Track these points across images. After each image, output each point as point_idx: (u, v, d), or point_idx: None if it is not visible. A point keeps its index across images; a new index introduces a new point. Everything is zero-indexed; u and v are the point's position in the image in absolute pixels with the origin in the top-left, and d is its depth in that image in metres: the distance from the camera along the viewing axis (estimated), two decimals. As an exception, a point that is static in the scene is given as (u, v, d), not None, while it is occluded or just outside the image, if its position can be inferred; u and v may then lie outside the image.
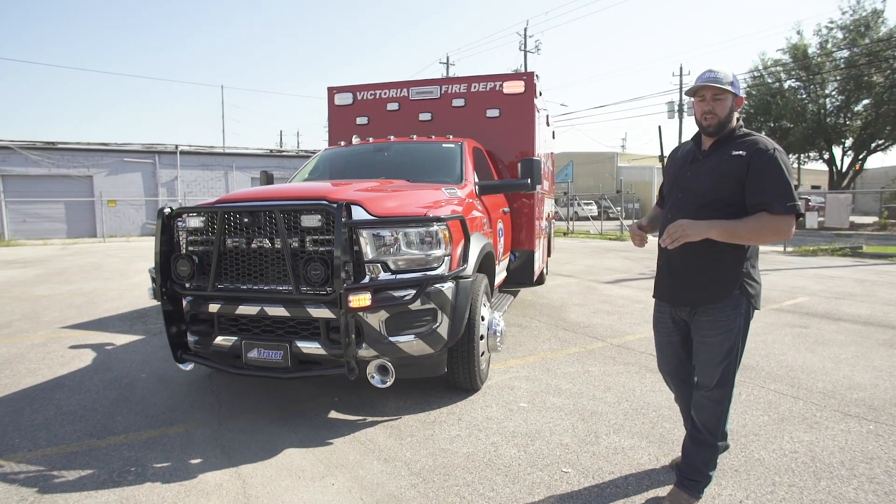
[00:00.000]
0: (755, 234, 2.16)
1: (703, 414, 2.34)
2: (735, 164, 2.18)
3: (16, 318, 6.37)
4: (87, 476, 2.65)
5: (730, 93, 2.21)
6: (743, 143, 2.21)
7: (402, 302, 3.01)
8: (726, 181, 2.20)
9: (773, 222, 2.13)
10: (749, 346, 4.93)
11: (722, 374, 2.29)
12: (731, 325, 2.26)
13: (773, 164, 2.13)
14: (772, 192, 2.12)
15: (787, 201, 2.10)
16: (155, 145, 26.75)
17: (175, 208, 3.23)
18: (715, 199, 2.23)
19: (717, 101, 2.22)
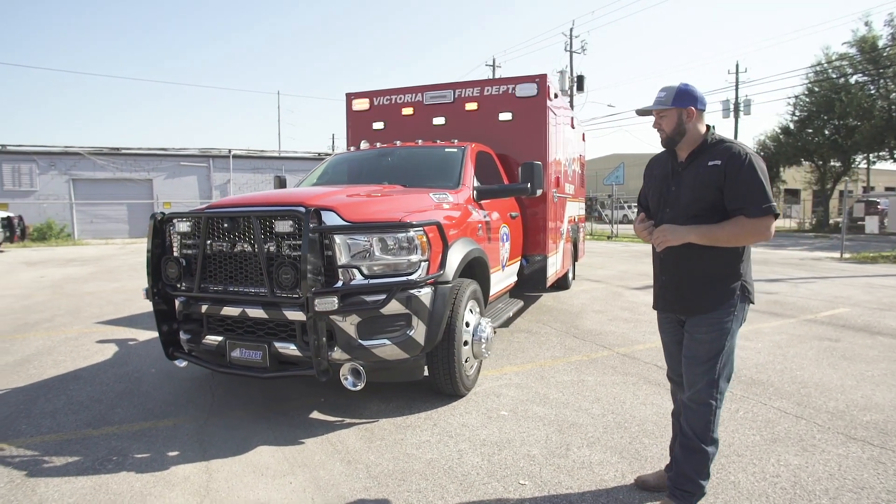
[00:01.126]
0: (734, 238, 2.21)
1: (691, 417, 2.32)
2: (713, 174, 2.24)
3: (59, 314, 6.87)
4: (73, 463, 2.84)
5: (673, 109, 2.30)
6: (717, 151, 2.26)
7: (373, 306, 3.06)
8: (706, 191, 2.25)
9: (749, 225, 2.18)
10: (766, 360, 4.70)
11: (708, 374, 2.27)
12: (725, 326, 2.27)
13: (747, 169, 2.18)
14: (746, 197, 2.17)
15: (761, 203, 2.15)
16: (209, 150, 28.08)
17: (166, 213, 3.41)
18: (700, 209, 2.28)
19: (662, 118, 2.35)
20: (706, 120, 2.37)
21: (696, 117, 2.31)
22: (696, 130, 2.31)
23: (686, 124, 2.30)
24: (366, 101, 6.82)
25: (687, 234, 2.24)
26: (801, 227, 31.47)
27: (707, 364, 2.27)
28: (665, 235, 2.28)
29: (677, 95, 2.29)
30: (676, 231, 2.26)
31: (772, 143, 31.48)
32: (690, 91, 2.31)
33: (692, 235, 2.23)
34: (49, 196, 24.36)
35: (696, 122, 2.31)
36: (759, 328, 5.90)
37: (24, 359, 4.79)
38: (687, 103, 2.29)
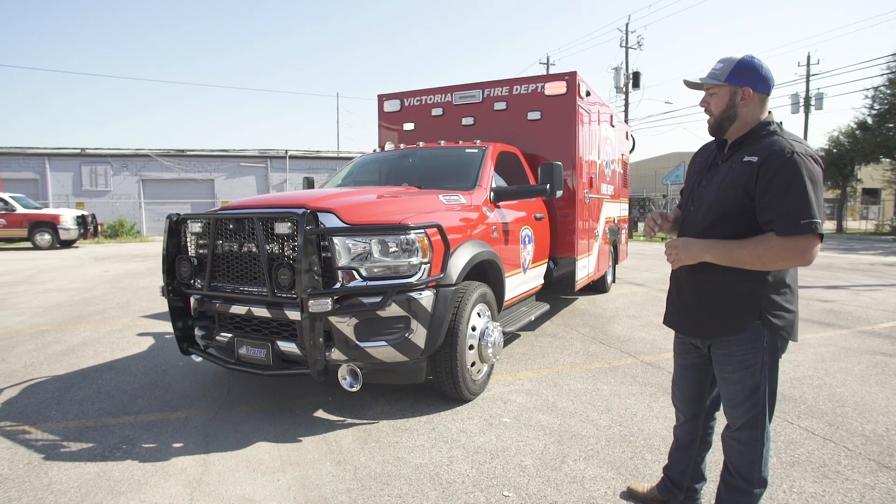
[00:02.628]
0: (758, 260, 1.81)
1: (733, 456, 2.05)
2: (743, 172, 1.85)
3: (111, 307, 7.34)
4: (86, 449, 3.02)
5: (725, 86, 1.90)
6: (760, 144, 1.86)
7: (370, 308, 3.07)
8: (730, 192, 1.89)
9: (780, 245, 1.77)
10: (804, 374, 4.37)
11: (748, 415, 1.98)
12: (751, 360, 1.94)
13: (787, 170, 1.75)
14: (780, 207, 1.76)
15: (800, 218, 1.72)
16: (267, 151, 29.24)
17: (181, 215, 3.56)
18: (721, 213, 1.93)
19: (712, 96, 1.96)
20: (768, 106, 1.94)
21: (754, 100, 1.89)
22: (750, 117, 1.90)
23: (739, 107, 1.90)
24: (397, 102, 6.87)
25: (702, 253, 1.90)
26: (880, 229, 29.17)
27: (746, 404, 1.97)
28: (678, 253, 1.95)
29: (735, 70, 1.88)
30: (691, 248, 1.91)
31: (846, 140, 29.34)
32: (755, 66, 1.88)
33: (708, 255, 1.88)
34: (121, 196, 26.13)
35: (752, 107, 1.90)
36: (803, 338, 5.50)
37: (69, 348, 5.15)
38: (745, 82, 1.87)
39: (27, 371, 4.46)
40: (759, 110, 1.92)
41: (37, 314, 6.83)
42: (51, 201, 24.69)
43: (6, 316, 6.75)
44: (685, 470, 2.36)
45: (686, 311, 2.10)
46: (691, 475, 2.37)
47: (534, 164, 5.80)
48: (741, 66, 1.88)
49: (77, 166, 26.14)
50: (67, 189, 26.01)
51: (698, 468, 2.37)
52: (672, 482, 2.40)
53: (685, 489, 2.38)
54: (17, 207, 17.68)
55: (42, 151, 25.91)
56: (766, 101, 1.93)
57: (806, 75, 31.45)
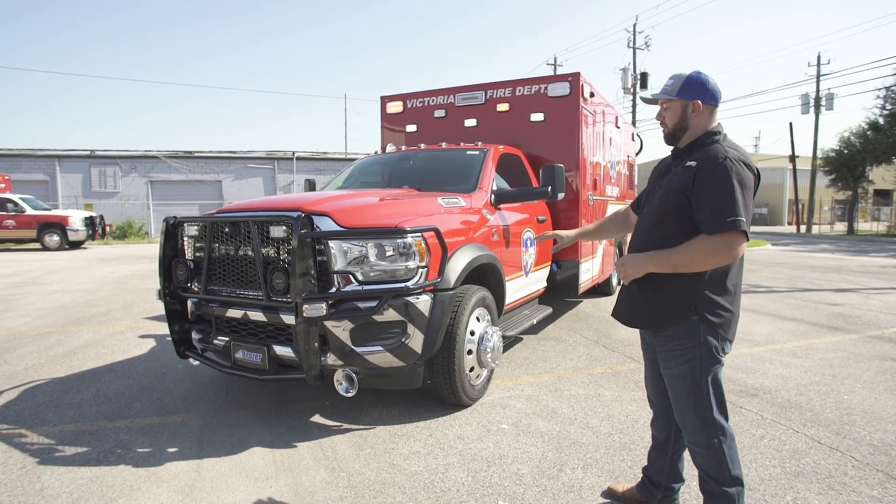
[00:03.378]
0: (691, 261, 1.95)
1: (700, 461, 2.10)
2: (684, 176, 2.00)
3: (114, 308, 7.36)
4: (80, 453, 3.00)
5: (677, 100, 2.06)
6: (701, 151, 2.00)
7: (366, 313, 3.03)
8: (672, 195, 2.03)
9: (708, 243, 1.91)
10: (811, 380, 4.28)
11: (696, 415, 2.04)
12: (690, 355, 2.02)
13: (716, 174, 1.90)
14: (708, 207, 1.91)
15: (725, 216, 1.86)
16: (274, 152, 29.33)
17: (178, 218, 3.54)
18: (664, 215, 2.07)
19: (667, 110, 2.12)
20: (717, 117, 2.10)
21: (704, 112, 2.05)
22: (700, 126, 2.06)
23: (690, 119, 2.05)
24: (399, 103, 6.84)
25: (645, 265, 2.03)
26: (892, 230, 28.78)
27: (690, 402, 2.04)
28: (625, 269, 2.10)
29: (685, 85, 2.03)
30: (636, 262, 2.05)
31: (857, 140, 28.98)
32: (702, 81, 2.03)
33: (651, 265, 2.02)
34: (130, 197, 26.31)
35: (702, 118, 2.05)
36: (811, 343, 5.41)
37: (71, 350, 5.15)
38: (694, 95, 2.03)
39: (27, 373, 4.46)
40: (708, 120, 2.07)
41: (41, 315, 6.86)
42: (60, 202, 24.92)
43: (11, 317, 6.78)
44: (662, 469, 2.37)
45: (628, 303, 2.21)
46: (668, 474, 2.37)
47: (537, 165, 5.74)
48: (690, 81, 2.05)
49: (86, 168, 26.36)
50: (77, 190, 26.24)
51: (675, 468, 2.38)
52: (650, 482, 2.41)
53: (663, 488, 2.38)
54: (26, 209, 17.85)
55: (52, 153, 26.15)
56: (715, 112, 2.09)
57: (816, 75, 31.13)
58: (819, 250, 18.12)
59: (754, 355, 5.02)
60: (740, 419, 3.48)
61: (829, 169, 31.10)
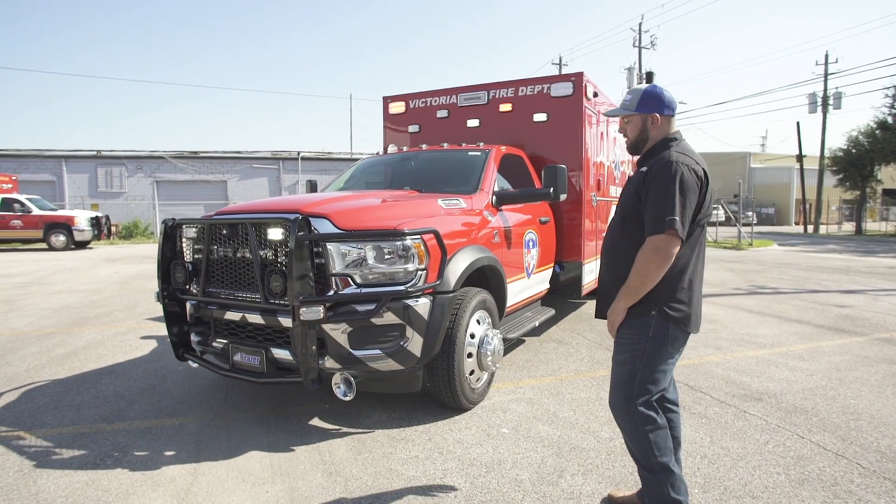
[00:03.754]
0: (643, 277, 2.04)
1: (628, 444, 2.24)
2: (637, 180, 2.15)
3: (117, 308, 7.37)
4: (78, 457, 2.99)
5: (637, 115, 2.21)
6: (655, 158, 2.14)
7: (364, 316, 3.00)
8: (629, 198, 2.18)
9: (643, 256, 2.03)
10: (817, 384, 4.22)
11: (623, 402, 2.16)
12: (634, 345, 2.14)
13: (660, 178, 2.03)
14: (651, 211, 2.04)
15: (663, 217, 1.98)
16: (280, 152, 29.38)
17: (176, 219, 3.53)
18: (624, 216, 2.22)
19: (627, 124, 2.28)
20: (675, 125, 2.26)
21: (662, 123, 2.21)
22: (659, 137, 2.21)
23: (650, 131, 2.21)
24: (402, 104, 6.81)
25: (619, 306, 2.12)
26: (901, 231, 28.51)
27: (622, 387, 2.17)
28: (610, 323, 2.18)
29: (642, 100, 2.19)
30: (613, 310, 2.15)
31: (866, 140, 28.72)
32: (658, 95, 2.19)
33: (622, 302, 2.11)
34: (136, 197, 26.43)
35: (661, 128, 2.21)
36: (818, 346, 5.34)
37: (73, 351, 5.16)
38: (651, 109, 2.18)
39: (29, 374, 4.46)
40: (666, 130, 2.22)
41: (45, 316, 6.88)
42: (67, 202, 25.05)
43: (16, 318, 6.81)
44: None
45: (602, 298, 2.32)
46: None
47: (539, 166, 5.69)
48: (647, 96, 2.19)
49: (93, 168, 26.49)
50: (83, 190, 26.38)
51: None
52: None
53: None
54: (33, 209, 17.96)
55: (59, 153, 26.30)
56: (672, 121, 2.24)
57: (824, 74, 30.86)
58: (826, 251, 17.97)
59: (759, 358, 4.96)
60: (744, 424, 3.43)
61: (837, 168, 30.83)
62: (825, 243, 22.03)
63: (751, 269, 12.22)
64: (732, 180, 41.65)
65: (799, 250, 18.13)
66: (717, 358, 4.98)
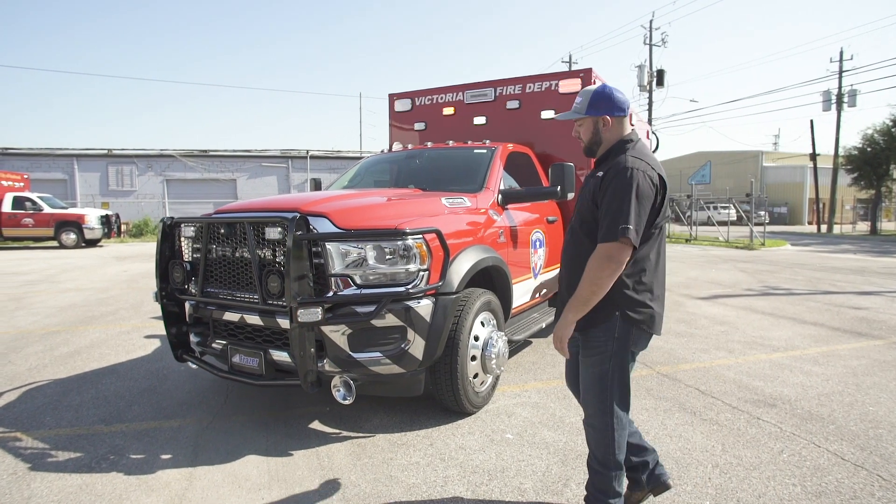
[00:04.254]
0: (593, 285, 1.99)
1: (591, 441, 2.26)
2: (593, 185, 2.12)
3: (123, 307, 7.36)
4: (73, 459, 2.94)
5: (588, 118, 2.17)
6: (611, 162, 2.10)
7: (363, 318, 2.92)
8: (586, 203, 2.15)
9: (593, 263, 2.00)
10: (833, 389, 4.09)
11: (598, 402, 2.16)
12: (603, 347, 2.12)
13: (616, 185, 2.00)
14: (605, 217, 2.01)
15: (617, 225, 1.95)
16: (289, 151, 29.43)
17: (175, 218, 3.47)
18: (581, 220, 2.18)
19: (580, 127, 2.23)
20: (628, 127, 2.19)
21: (614, 125, 2.15)
22: (613, 138, 2.17)
23: (602, 133, 2.16)
24: (408, 101, 6.72)
25: (570, 321, 2.05)
26: (918, 231, 27.98)
27: (595, 389, 2.16)
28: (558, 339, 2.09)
29: (592, 102, 2.14)
30: (560, 327, 2.08)
31: (881, 138, 28.24)
32: (607, 96, 2.14)
33: (571, 317, 2.05)
34: (146, 195, 26.60)
35: (614, 129, 2.16)
36: (833, 350, 5.19)
37: (76, 350, 5.13)
38: (602, 111, 2.13)
39: (30, 374, 4.44)
40: (619, 130, 2.16)
41: (51, 314, 6.88)
42: (79, 201, 25.27)
43: (22, 316, 6.81)
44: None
45: (563, 305, 2.21)
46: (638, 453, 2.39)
47: (547, 164, 5.58)
48: (596, 98, 2.13)
49: (104, 166, 26.71)
50: (95, 189, 26.60)
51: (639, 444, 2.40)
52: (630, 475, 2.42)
53: (643, 469, 2.39)
54: (44, 207, 18.10)
55: (71, 152, 26.54)
56: (625, 121, 2.17)
57: (838, 71, 30.39)
58: (841, 251, 17.65)
59: (773, 362, 4.82)
60: (757, 431, 3.31)
61: (851, 167, 30.34)
62: (839, 243, 21.67)
63: (763, 269, 12.01)
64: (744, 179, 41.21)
65: (812, 250, 17.83)
66: (729, 361, 4.85)
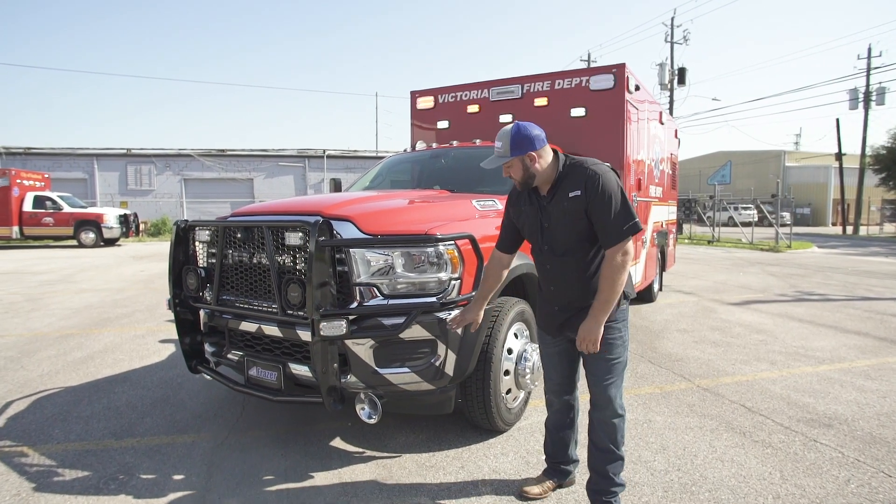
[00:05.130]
0: (618, 283, 2.14)
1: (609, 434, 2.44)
2: (577, 204, 2.19)
3: (139, 309, 7.24)
4: (81, 479, 2.75)
5: (514, 159, 2.24)
6: (574, 179, 2.21)
7: (391, 331, 2.69)
8: (577, 224, 2.22)
9: (613, 260, 2.13)
10: (892, 408, 3.76)
11: (618, 390, 2.41)
12: (622, 338, 2.36)
13: (603, 191, 2.13)
14: (608, 224, 2.14)
15: (622, 225, 2.12)
16: (305, 150, 29.41)
17: (189, 221, 3.27)
18: (575, 242, 2.26)
19: (510, 168, 2.29)
20: (548, 150, 2.29)
21: (540, 156, 2.24)
22: (545, 168, 2.26)
23: (532, 168, 2.24)
24: (430, 98, 6.51)
25: (598, 323, 2.18)
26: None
27: (617, 380, 2.37)
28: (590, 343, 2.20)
29: (513, 144, 2.21)
30: (591, 330, 2.18)
31: (912, 137, 27.35)
32: (524, 134, 2.21)
33: (601, 317, 2.17)
34: (164, 195, 26.75)
35: (542, 160, 2.25)
36: (885, 362, 4.85)
37: (89, 356, 4.99)
38: (525, 149, 2.21)
39: (42, 381, 4.29)
40: (547, 156, 2.27)
41: (66, 316, 6.78)
42: (98, 200, 25.48)
43: (38, 317, 6.72)
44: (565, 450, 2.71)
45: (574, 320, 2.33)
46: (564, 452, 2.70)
47: (576, 164, 5.33)
48: (515, 140, 2.22)
49: (123, 166, 26.91)
50: (114, 188, 26.82)
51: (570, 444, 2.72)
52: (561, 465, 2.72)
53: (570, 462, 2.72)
54: (63, 206, 18.23)
55: (91, 152, 26.78)
56: (547, 147, 2.28)
57: (866, 68, 29.55)
58: (870, 253, 17.06)
59: (820, 375, 4.51)
60: (817, 456, 3.02)
61: (879, 167, 29.49)
62: (867, 245, 20.99)
63: (793, 273, 11.58)
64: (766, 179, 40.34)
65: (840, 253, 17.26)
66: (772, 374, 4.54)
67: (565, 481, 2.69)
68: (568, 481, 2.70)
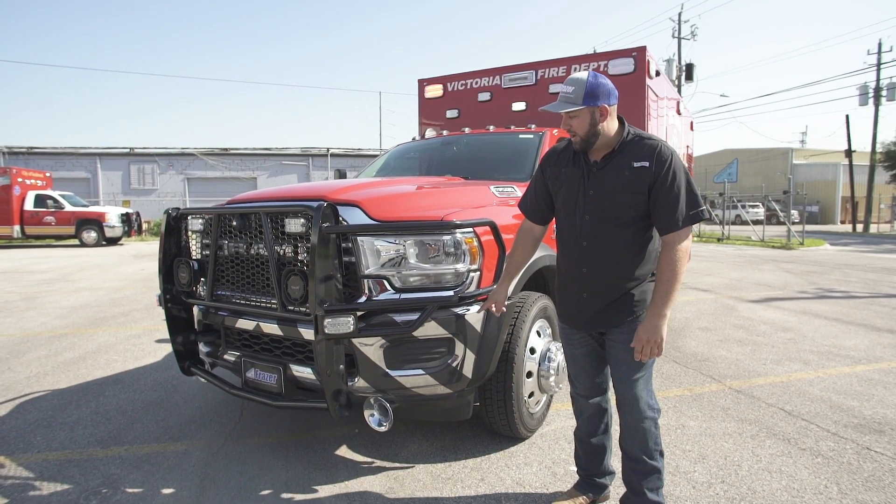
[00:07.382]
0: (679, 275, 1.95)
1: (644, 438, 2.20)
2: (641, 177, 1.98)
3: (136, 308, 6.98)
4: (59, 493, 2.48)
5: (584, 109, 1.99)
6: (641, 149, 2.01)
7: (403, 328, 2.41)
8: (635, 197, 2.00)
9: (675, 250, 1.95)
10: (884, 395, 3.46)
11: (650, 390, 2.21)
12: None
13: (675, 171, 1.96)
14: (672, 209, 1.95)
15: (692, 209, 1.97)
16: (309, 149, 29.18)
17: (180, 210, 3.00)
18: (629, 217, 2.04)
19: (573, 119, 2.04)
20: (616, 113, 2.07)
21: (611, 115, 2.02)
22: (611, 128, 2.04)
23: (600, 124, 2.01)
24: (439, 87, 6.23)
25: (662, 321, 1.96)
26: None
27: (649, 382, 2.17)
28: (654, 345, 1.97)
29: (588, 92, 1.97)
30: (654, 329, 1.96)
31: (926, 133, 26.90)
32: (602, 85, 1.99)
33: (666, 312, 1.96)
34: (167, 193, 26.56)
35: (610, 120, 2.03)
36: (929, 364, 4.53)
37: (81, 356, 4.73)
38: (599, 100, 1.98)
39: (29, 383, 4.02)
40: (614, 120, 2.05)
41: (61, 315, 6.53)
42: (101, 199, 25.31)
43: (31, 317, 6.47)
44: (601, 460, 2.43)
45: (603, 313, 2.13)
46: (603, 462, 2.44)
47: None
48: (592, 88, 1.98)
49: (126, 165, 26.73)
50: (117, 187, 26.64)
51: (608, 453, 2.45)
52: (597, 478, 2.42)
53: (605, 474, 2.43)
54: (65, 205, 18.03)
55: (93, 151, 26.61)
56: (615, 109, 2.05)
57: (877, 64, 29.08)
58: (884, 251, 16.69)
59: (859, 376, 4.20)
60: (874, 467, 2.72)
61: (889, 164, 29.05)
62: (880, 243, 20.60)
63: (809, 270, 11.25)
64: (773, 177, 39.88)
65: (853, 250, 16.89)
66: (808, 375, 4.24)
67: (600, 496, 2.39)
68: (603, 496, 2.40)
